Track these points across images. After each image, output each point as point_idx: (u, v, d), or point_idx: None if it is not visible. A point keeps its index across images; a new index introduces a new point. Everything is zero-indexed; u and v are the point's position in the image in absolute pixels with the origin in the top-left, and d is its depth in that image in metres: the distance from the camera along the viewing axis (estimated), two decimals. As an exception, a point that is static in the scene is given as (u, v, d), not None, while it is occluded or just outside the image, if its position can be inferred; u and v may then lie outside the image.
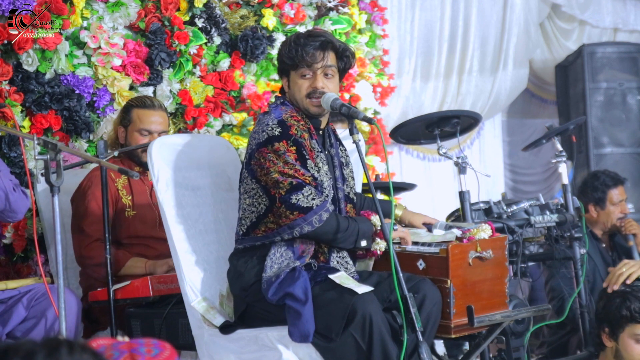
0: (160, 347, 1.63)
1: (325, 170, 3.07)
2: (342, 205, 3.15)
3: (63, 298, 2.77)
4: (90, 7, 4.27)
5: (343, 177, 3.20)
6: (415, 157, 7.02)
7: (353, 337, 2.81)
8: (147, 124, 3.88)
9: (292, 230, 2.96)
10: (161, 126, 3.91)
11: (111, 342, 1.61)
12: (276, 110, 3.11)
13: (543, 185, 8.06)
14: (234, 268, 3.11)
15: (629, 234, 4.87)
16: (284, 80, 3.19)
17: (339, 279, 2.91)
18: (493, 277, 3.18)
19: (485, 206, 4.19)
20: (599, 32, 7.66)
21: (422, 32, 6.65)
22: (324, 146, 3.17)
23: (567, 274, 4.53)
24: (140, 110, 3.91)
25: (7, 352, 1.37)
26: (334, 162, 3.18)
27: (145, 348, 1.60)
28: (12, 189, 3.21)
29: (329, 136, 3.22)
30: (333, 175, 3.15)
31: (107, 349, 1.58)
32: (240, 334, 3.05)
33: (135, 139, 3.88)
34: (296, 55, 3.07)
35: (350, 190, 3.22)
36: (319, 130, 3.17)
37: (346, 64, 3.17)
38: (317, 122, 3.16)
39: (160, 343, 1.64)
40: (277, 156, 2.98)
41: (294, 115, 3.09)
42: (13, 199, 3.20)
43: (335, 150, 3.22)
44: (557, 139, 4.55)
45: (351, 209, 3.20)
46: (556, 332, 4.89)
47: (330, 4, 5.39)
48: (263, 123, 3.07)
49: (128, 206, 3.84)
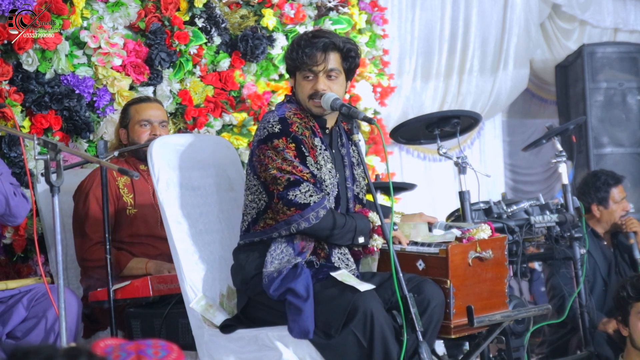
0: (167, 349, 1.62)
1: (328, 168, 3.07)
2: (351, 205, 3.16)
3: (63, 298, 2.77)
4: (90, 7, 4.27)
5: (353, 177, 3.20)
6: (416, 157, 7.02)
7: (354, 334, 2.81)
8: (145, 115, 3.92)
9: (289, 226, 2.97)
10: (159, 116, 3.95)
11: (118, 343, 1.61)
12: (280, 108, 3.13)
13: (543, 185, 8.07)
14: (236, 262, 3.13)
15: (630, 231, 4.88)
16: (292, 79, 3.20)
17: (341, 276, 2.91)
18: (493, 277, 3.17)
19: (485, 206, 4.19)
20: (599, 32, 7.66)
21: (422, 32, 6.65)
22: (332, 145, 3.16)
23: (567, 273, 4.53)
24: (136, 105, 3.97)
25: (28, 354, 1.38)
26: (344, 162, 3.18)
27: (152, 350, 1.60)
28: (12, 193, 3.20)
29: (340, 135, 3.22)
30: (342, 175, 3.15)
31: (115, 349, 1.58)
32: (240, 334, 3.06)
33: (136, 133, 3.91)
34: (297, 58, 3.08)
35: (360, 191, 3.22)
36: (325, 129, 3.17)
37: (351, 64, 3.14)
38: (322, 121, 3.16)
39: (167, 344, 1.63)
40: (276, 153, 2.99)
41: (298, 113, 3.10)
42: (14, 204, 3.20)
43: (347, 149, 3.21)
44: (557, 139, 4.55)
45: (360, 209, 3.19)
46: (557, 330, 4.90)
47: (330, 4, 5.38)
48: (265, 120, 3.09)
49: (129, 204, 3.84)
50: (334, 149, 3.16)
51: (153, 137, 3.84)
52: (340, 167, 3.16)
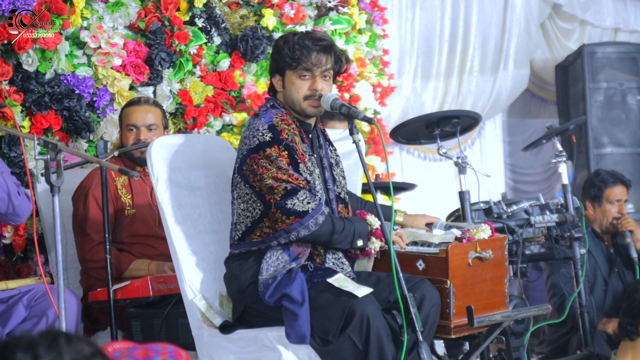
0: (175, 356, 1.62)
1: (317, 173, 3.07)
2: (334, 205, 3.14)
3: (63, 298, 2.77)
4: (90, 7, 4.27)
5: (333, 177, 3.19)
6: (416, 157, 7.02)
7: (350, 339, 2.81)
8: (131, 119, 3.91)
9: (288, 235, 2.96)
10: (148, 119, 3.91)
11: (127, 347, 1.61)
12: (266, 114, 3.09)
13: (543, 185, 8.06)
14: (230, 271, 3.11)
15: (626, 230, 4.86)
16: (276, 78, 3.15)
17: (338, 282, 2.90)
18: (493, 277, 3.18)
19: (485, 206, 4.19)
20: (599, 32, 7.66)
21: (422, 32, 6.65)
22: (313, 149, 3.16)
23: (567, 273, 4.53)
24: (127, 108, 3.97)
25: (7, 347, 1.38)
26: (323, 164, 3.18)
27: (160, 357, 1.59)
28: (16, 192, 3.19)
29: (317, 137, 3.21)
30: (323, 177, 3.14)
31: (123, 354, 1.58)
32: (240, 334, 3.05)
33: (125, 137, 3.93)
34: (301, 57, 3.05)
35: (341, 191, 3.21)
36: (309, 134, 3.17)
37: (340, 68, 3.16)
38: (307, 125, 3.15)
39: (176, 350, 1.63)
40: (270, 162, 2.96)
41: (285, 119, 3.07)
42: (17, 203, 3.19)
43: (325, 151, 3.21)
44: (557, 139, 4.55)
45: (343, 209, 3.18)
46: (556, 330, 4.89)
47: (330, 4, 5.38)
48: (253, 128, 3.05)
49: (128, 205, 3.84)
50: (315, 153, 3.16)
51: (138, 141, 3.85)
52: (321, 170, 3.15)
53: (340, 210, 3.17)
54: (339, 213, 3.15)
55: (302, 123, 3.13)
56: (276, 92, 3.18)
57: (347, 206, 3.22)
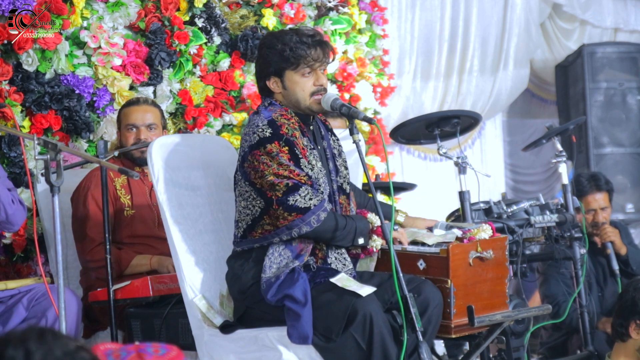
0: (167, 347, 1.67)
1: (319, 167, 3.06)
2: (336, 197, 3.13)
3: (63, 298, 2.77)
4: (90, 7, 4.27)
5: (336, 168, 3.18)
6: (416, 157, 7.02)
7: (353, 338, 2.81)
8: (130, 119, 3.91)
9: (290, 231, 2.95)
10: (147, 119, 3.91)
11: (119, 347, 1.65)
12: (265, 110, 3.09)
13: (543, 185, 8.06)
14: (232, 271, 3.11)
15: (606, 241, 4.78)
16: (272, 80, 3.11)
17: (341, 281, 2.90)
18: (493, 277, 3.18)
19: (485, 206, 4.20)
20: (599, 32, 7.65)
21: (422, 32, 6.65)
22: (315, 141, 3.15)
23: (567, 273, 4.53)
24: (125, 109, 3.97)
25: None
26: (327, 155, 3.16)
27: (152, 348, 1.65)
28: (10, 200, 3.18)
29: (318, 128, 3.20)
30: (327, 169, 3.13)
31: (115, 351, 1.62)
32: (240, 334, 3.05)
33: (124, 137, 3.93)
34: (303, 55, 3.04)
35: (343, 181, 3.18)
36: (310, 127, 3.16)
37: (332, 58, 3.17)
38: (307, 118, 3.14)
39: (167, 345, 1.69)
40: (271, 158, 2.96)
41: (284, 114, 3.06)
42: (11, 212, 3.18)
43: (327, 142, 3.20)
44: (557, 139, 4.55)
45: (344, 200, 3.17)
46: (552, 334, 4.89)
47: (330, 4, 5.38)
48: (253, 124, 3.04)
49: (127, 205, 3.84)
50: (318, 144, 3.15)
51: (138, 141, 3.85)
52: (324, 162, 3.14)
53: (342, 202, 3.15)
54: (340, 204, 3.14)
55: (301, 117, 3.12)
56: (271, 94, 3.15)
57: (349, 197, 3.20)
